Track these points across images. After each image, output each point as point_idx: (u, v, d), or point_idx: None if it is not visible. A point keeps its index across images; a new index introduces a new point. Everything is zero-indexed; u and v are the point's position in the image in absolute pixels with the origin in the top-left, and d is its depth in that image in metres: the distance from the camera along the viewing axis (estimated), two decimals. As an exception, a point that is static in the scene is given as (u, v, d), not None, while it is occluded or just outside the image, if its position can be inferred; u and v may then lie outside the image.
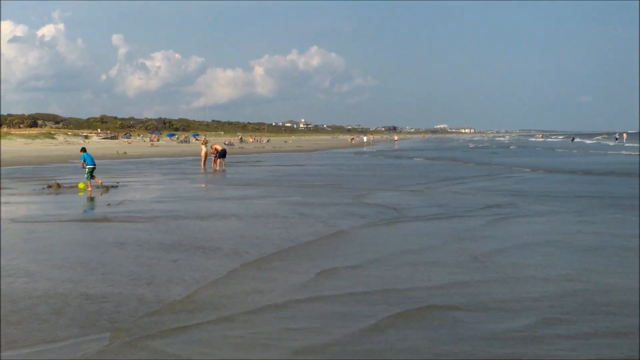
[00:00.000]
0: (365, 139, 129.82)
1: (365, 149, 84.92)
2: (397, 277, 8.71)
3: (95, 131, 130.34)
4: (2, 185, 22.73)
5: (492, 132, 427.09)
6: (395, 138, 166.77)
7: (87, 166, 21.69)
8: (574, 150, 65.66)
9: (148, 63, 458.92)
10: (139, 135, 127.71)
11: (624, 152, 58.88)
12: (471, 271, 9.05)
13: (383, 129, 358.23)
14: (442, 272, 8.99)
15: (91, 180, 21.68)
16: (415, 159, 49.53)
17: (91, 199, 19.16)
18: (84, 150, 22.63)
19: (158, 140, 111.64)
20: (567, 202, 17.52)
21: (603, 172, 29.85)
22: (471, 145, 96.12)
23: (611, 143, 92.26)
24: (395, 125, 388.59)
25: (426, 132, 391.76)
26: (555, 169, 33.31)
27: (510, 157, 50.59)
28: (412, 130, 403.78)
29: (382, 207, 16.59)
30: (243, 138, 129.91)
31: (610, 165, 35.91)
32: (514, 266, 9.42)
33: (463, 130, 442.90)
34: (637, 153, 50.23)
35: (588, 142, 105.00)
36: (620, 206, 16.56)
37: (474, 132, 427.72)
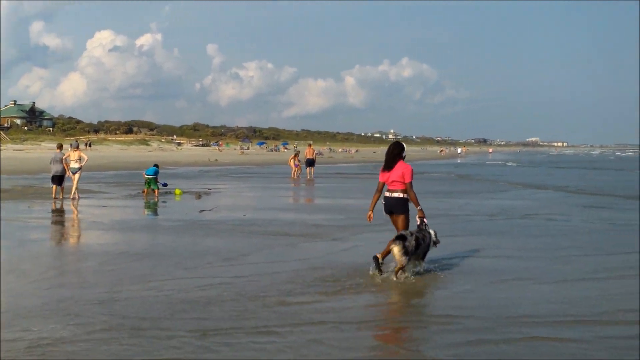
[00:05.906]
0: (459, 150, 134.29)
1: (458, 160, 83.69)
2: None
3: (179, 138, 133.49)
4: (100, 190, 23.68)
5: (585, 147, 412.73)
6: (490, 150, 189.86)
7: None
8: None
9: (241, 72, 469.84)
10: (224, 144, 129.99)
11: None
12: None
13: (473, 141, 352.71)
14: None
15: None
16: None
17: (183, 205, 19.04)
18: None
19: (248, 148, 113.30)
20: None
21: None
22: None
23: None
24: (486, 138, 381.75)
25: (517, 145, 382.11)
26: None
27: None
28: (503, 143, 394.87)
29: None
30: (332, 148, 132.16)
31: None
32: None
33: (555, 144, 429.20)
34: None
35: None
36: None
37: (566, 146, 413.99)
